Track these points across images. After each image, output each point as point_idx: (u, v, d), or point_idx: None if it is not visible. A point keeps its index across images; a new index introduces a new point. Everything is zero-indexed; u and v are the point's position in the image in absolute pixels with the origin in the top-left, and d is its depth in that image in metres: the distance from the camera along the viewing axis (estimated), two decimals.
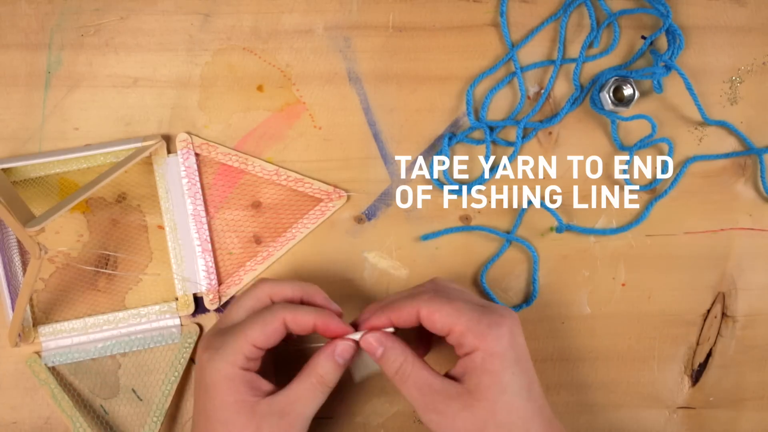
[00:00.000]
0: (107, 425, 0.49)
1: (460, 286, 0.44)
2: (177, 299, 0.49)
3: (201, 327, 0.49)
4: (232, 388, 0.39)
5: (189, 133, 0.49)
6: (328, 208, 0.49)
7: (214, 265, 0.49)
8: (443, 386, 0.39)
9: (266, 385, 0.40)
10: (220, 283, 0.49)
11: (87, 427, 0.47)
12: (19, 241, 0.48)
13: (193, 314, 0.49)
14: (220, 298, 0.49)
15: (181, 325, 0.49)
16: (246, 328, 0.40)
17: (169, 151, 0.49)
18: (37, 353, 0.48)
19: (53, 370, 0.48)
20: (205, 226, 0.49)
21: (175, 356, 0.49)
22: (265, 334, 0.40)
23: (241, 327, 0.40)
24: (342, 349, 0.41)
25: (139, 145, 0.48)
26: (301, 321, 0.40)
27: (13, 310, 0.47)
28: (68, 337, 0.49)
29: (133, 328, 0.49)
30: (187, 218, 0.49)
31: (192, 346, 0.49)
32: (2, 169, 0.47)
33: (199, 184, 0.49)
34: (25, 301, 0.44)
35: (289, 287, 0.43)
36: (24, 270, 0.48)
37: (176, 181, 0.49)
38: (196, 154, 0.49)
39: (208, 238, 0.49)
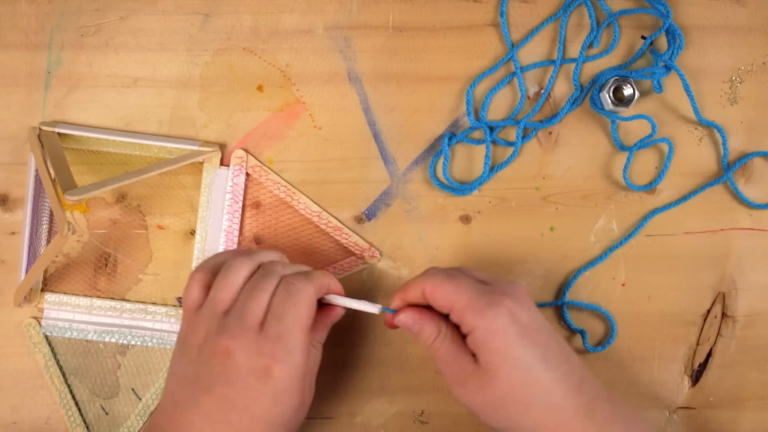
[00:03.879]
0: (96, 407, 0.49)
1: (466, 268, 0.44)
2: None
3: None
4: (302, 390, 0.38)
5: (246, 152, 0.49)
6: (357, 264, 0.49)
7: None
8: (466, 363, 0.39)
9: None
10: None
11: (74, 403, 0.48)
12: (52, 212, 0.49)
13: None
14: None
15: None
16: (291, 313, 0.38)
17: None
18: (37, 319, 0.48)
19: (48, 340, 0.49)
20: (235, 246, 0.49)
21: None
22: (311, 313, 0.39)
23: (283, 312, 0.38)
24: (334, 316, 0.42)
25: (195, 148, 0.48)
26: (322, 285, 0.41)
27: (26, 273, 0.47)
28: (71, 312, 0.49)
29: (136, 323, 0.49)
30: (219, 232, 0.49)
31: None
32: (58, 134, 0.47)
33: (241, 203, 0.49)
34: (39, 270, 0.44)
35: (273, 254, 0.43)
36: (48, 240, 0.49)
37: (220, 195, 0.49)
38: (247, 174, 0.49)
39: None
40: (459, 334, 0.40)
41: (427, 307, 0.41)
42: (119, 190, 0.49)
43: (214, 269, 0.41)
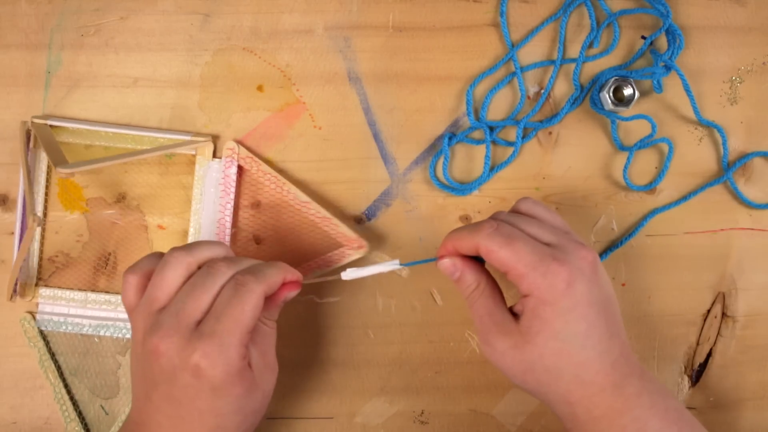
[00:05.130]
0: (96, 407, 0.49)
1: (543, 212, 0.41)
2: None
3: None
4: (239, 381, 0.37)
5: (238, 143, 0.49)
6: (345, 255, 0.49)
7: None
8: (502, 320, 0.39)
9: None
10: None
11: (68, 398, 0.48)
12: (46, 206, 0.49)
13: None
14: None
15: None
16: (234, 313, 0.37)
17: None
18: (32, 314, 0.49)
19: (43, 334, 0.49)
20: (227, 239, 0.49)
21: None
22: (256, 315, 0.38)
23: (224, 312, 0.37)
24: (288, 296, 0.41)
25: (187, 138, 0.48)
26: (275, 282, 0.39)
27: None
28: (65, 306, 0.49)
29: None
30: (212, 225, 0.49)
31: None
32: (50, 126, 0.47)
33: (233, 195, 0.49)
34: (19, 262, 0.45)
35: (217, 249, 0.41)
36: (41, 235, 0.49)
37: (213, 186, 0.49)
38: (239, 166, 0.49)
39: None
40: (499, 290, 0.41)
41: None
42: (119, 189, 0.49)
43: (148, 269, 0.40)
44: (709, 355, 0.51)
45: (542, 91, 0.50)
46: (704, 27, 0.51)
